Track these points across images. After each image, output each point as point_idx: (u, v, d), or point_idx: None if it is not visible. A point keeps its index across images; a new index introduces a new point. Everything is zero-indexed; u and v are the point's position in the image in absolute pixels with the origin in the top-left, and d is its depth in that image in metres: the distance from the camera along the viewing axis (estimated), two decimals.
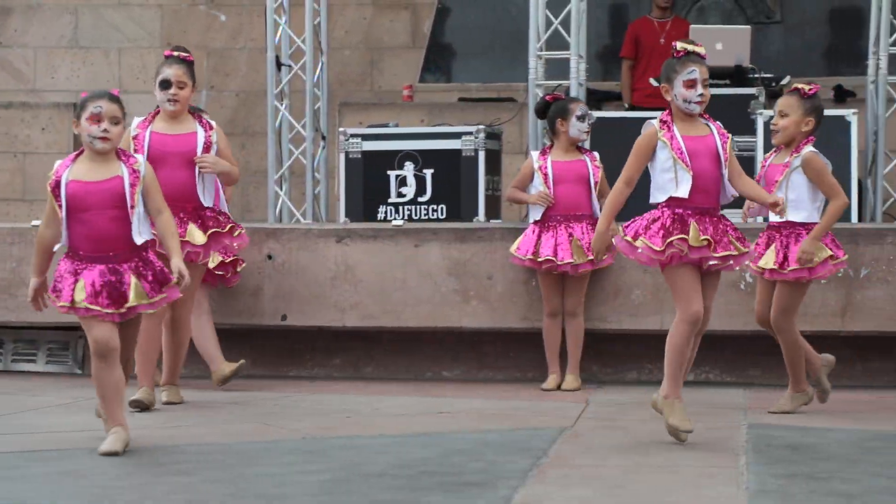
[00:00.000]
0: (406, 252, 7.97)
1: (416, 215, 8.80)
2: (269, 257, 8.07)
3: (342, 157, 8.99)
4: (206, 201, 6.85)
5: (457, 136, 8.85)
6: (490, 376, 8.19)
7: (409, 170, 8.81)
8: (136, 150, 6.67)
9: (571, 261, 7.48)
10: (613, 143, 8.75)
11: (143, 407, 6.76)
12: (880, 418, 6.73)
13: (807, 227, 6.65)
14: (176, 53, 6.94)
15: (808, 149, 6.64)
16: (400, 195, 8.77)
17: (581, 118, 7.69)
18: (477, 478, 5.16)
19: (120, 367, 5.64)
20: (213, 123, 6.99)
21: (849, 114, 8.69)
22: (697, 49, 6.01)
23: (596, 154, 7.85)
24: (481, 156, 8.76)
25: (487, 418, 6.72)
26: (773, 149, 6.87)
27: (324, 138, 9.81)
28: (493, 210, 8.94)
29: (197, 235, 6.71)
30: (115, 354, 5.56)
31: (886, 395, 7.55)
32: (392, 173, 8.83)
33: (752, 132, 8.63)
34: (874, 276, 7.69)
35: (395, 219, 8.59)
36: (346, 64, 12.35)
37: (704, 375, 8.03)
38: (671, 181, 5.92)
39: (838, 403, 7.24)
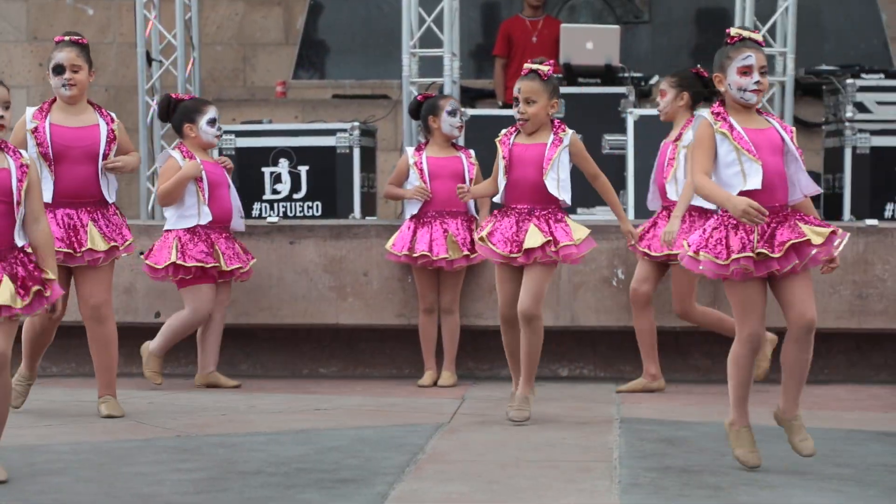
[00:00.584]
0: (281, 249, 7.94)
1: (291, 212, 8.75)
2: (142, 254, 7.96)
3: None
4: (111, 197, 6.67)
5: (331, 132, 8.82)
6: (366, 373, 8.19)
7: (283, 167, 8.75)
8: (38, 145, 6.46)
9: (446, 256, 7.51)
10: (487, 140, 8.79)
11: None
12: (751, 412, 6.83)
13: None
14: (67, 37, 6.65)
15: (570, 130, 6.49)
16: (275, 192, 8.71)
17: (452, 113, 7.72)
18: (353, 474, 5.16)
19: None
20: (113, 115, 6.78)
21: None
22: (753, 35, 5.49)
23: (472, 151, 7.89)
24: (356, 153, 8.73)
25: (364, 415, 6.72)
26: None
27: None
28: (369, 207, 8.93)
29: (98, 241, 6.48)
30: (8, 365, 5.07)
31: (755, 388, 7.65)
32: (266, 170, 8.77)
33: (623, 131, 8.72)
34: None
35: (270, 216, 8.54)
36: (219, 60, 12.23)
37: (579, 371, 8.11)
38: (737, 174, 5.20)
39: (708, 397, 7.36)
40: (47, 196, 6.32)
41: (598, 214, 8.59)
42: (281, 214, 8.65)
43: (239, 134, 8.84)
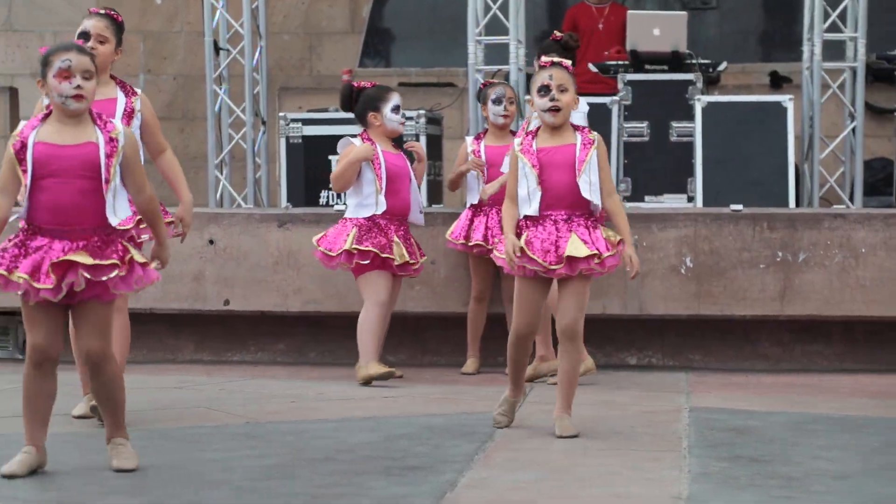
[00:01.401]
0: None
1: None
2: (211, 242, 8.02)
3: (283, 141, 8.95)
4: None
5: None
6: (434, 361, 8.19)
7: None
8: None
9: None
10: None
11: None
12: (819, 402, 6.79)
13: None
14: (103, 10, 6.24)
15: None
16: None
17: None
18: (421, 462, 5.17)
19: (56, 377, 5.00)
20: (139, 91, 6.25)
21: (785, 99, 8.75)
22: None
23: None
24: (422, 141, 8.74)
25: (432, 402, 6.73)
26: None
27: (264, 123, 9.76)
28: (435, 195, 8.93)
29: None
30: (53, 364, 4.96)
31: (825, 378, 7.62)
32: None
33: (691, 118, 8.67)
34: (812, 261, 7.75)
35: (336, 204, 8.56)
36: (285, 49, 12.29)
37: (647, 359, 8.07)
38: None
39: (778, 386, 7.32)
40: None
41: (666, 203, 8.56)
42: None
43: (305, 122, 8.88)
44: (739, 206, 7.87)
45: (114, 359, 5.06)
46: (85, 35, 6.07)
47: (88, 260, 4.83)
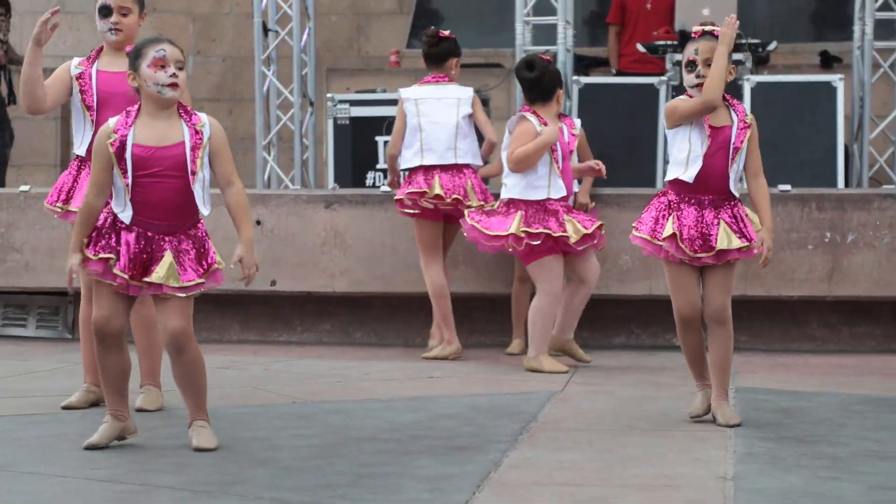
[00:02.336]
0: (395, 218, 7.95)
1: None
2: (258, 223, 8.05)
3: (330, 123, 8.96)
4: None
5: None
6: (479, 341, 8.19)
7: None
8: (81, 91, 5.81)
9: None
10: (602, 108, 8.77)
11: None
12: (866, 383, 6.76)
13: None
14: None
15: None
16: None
17: None
18: (467, 441, 5.18)
19: (125, 351, 5.08)
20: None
21: (835, 79, 8.69)
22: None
23: (577, 121, 7.76)
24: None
25: (477, 383, 6.73)
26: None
27: (311, 104, 9.78)
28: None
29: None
30: (116, 339, 5.02)
31: (873, 359, 7.58)
32: (380, 139, 8.81)
33: (740, 98, 8.62)
34: (861, 242, 7.71)
35: (383, 185, 8.57)
36: (333, 30, 12.31)
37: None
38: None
39: (826, 367, 7.28)
40: (83, 149, 5.78)
41: None
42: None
43: (353, 103, 8.89)
44: (787, 187, 7.83)
45: (195, 340, 5.08)
46: (105, 9, 5.87)
47: (176, 283, 4.95)
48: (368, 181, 8.68)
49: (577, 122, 7.66)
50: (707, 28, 5.56)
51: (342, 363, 7.41)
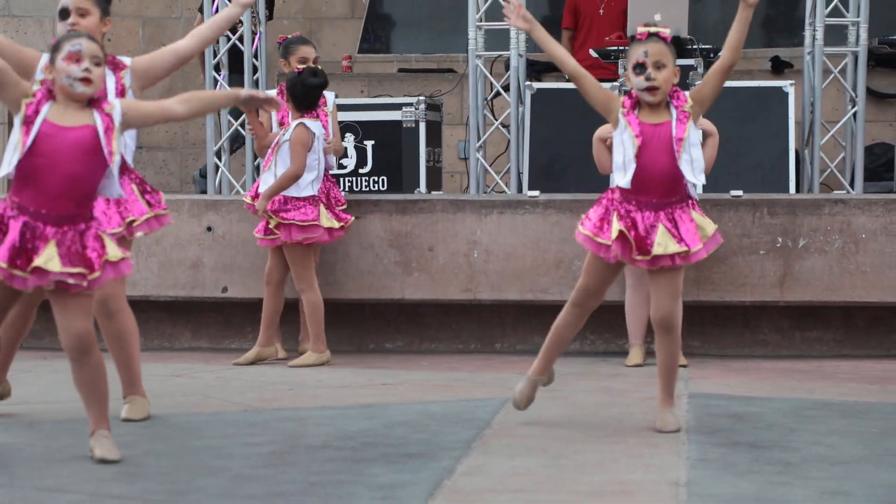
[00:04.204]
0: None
1: (356, 187, 8.78)
2: (209, 229, 8.03)
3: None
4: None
5: (397, 107, 8.83)
6: (432, 348, 8.21)
7: (349, 141, 8.78)
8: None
9: None
10: (555, 113, 8.78)
11: None
12: (818, 387, 6.81)
13: None
14: None
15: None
16: (340, 167, 8.74)
17: None
18: (420, 449, 5.18)
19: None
20: (128, 61, 5.81)
21: (786, 85, 8.74)
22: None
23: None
24: (422, 127, 8.75)
25: (430, 390, 6.74)
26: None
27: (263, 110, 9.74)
28: (435, 182, 8.94)
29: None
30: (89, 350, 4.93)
31: (824, 364, 7.64)
32: None
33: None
34: (812, 247, 7.76)
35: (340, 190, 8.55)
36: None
37: (647, 346, 8.07)
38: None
39: (778, 372, 7.33)
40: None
41: None
42: (347, 189, 8.68)
43: None
44: (739, 192, 7.88)
45: (97, 345, 4.99)
46: (64, 12, 5.73)
47: (57, 268, 4.79)
48: None
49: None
50: (653, 30, 5.50)
51: (294, 370, 7.39)
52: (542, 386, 5.79)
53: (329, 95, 7.92)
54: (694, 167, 5.44)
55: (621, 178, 5.45)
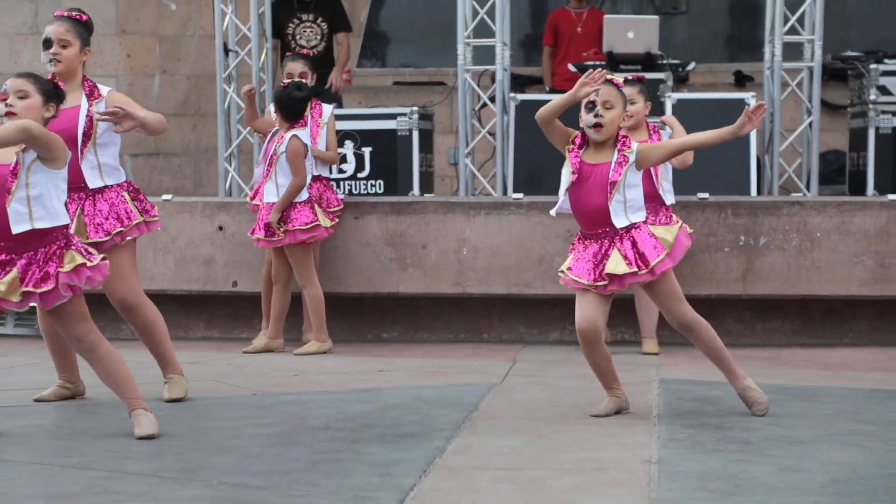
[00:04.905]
0: (347, 224, 7.96)
1: (356, 190, 8.77)
2: (221, 228, 8.02)
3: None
4: (102, 180, 5.72)
5: (392, 117, 8.83)
6: (425, 337, 8.20)
7: (348, 148, 8.77)
8: None
9: None
10: (536, 124, 8.77)
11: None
12: (777, 374, 6.82)
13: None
14: (66, 13, 5.72)
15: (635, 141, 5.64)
16: (341, 171, 8.73)
17: None
18: (413, 430, 5.18)
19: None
20: (105, 91, 5.70)
21: (748, 97, 8.74)
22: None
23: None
24: (415, 135, 8.74)
25: (423, 376, 6.74)
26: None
27: None
28: (427, 185, 8.93)
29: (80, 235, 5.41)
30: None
31: (782, 352, 7.65)
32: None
33: (662, 113, 8.66)
34: (772, 245, 7.77)
35: (336, 193, 8.54)
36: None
37: (621, 336, 8.08)
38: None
39: (740, 360, 7.29)
40: None
41: None
42: (346, 192, 8.67)
43: None
44: (706, 195, 7.89)
45: (102, 341, 5.05)
46: (47, 42, 5.66)
47: (16, 298, 4.91)
48: None
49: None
50: (607, 77, 5.40)
51: (298, 358, 7.39)
52: (624, 411, 5.59)
53: (327, 108, 7.91)
54: (628, 208, 5.39)
55: (554, 208, 5.53)
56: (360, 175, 8.78)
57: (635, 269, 5.32)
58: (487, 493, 4.14)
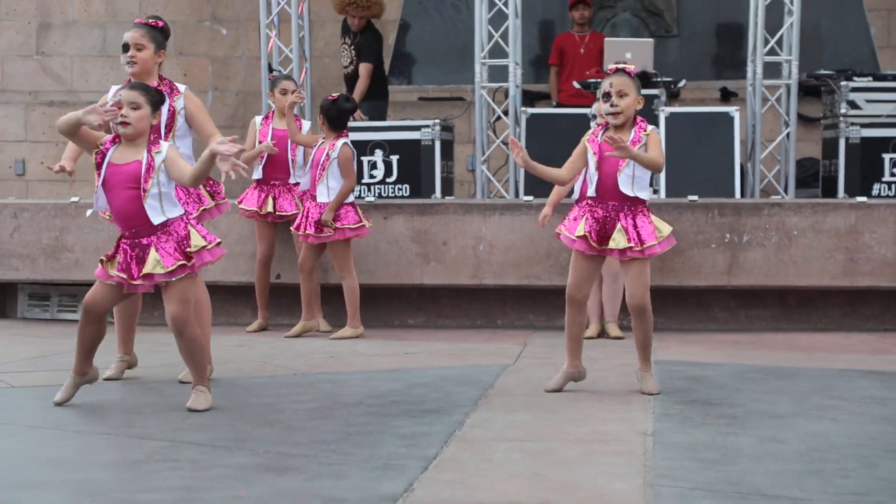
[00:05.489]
0: (377, 223, 7.95)
1: (384, 193, 8.77)
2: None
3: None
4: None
5: (417, 128, 8.82)
6: (446, 324, 8.20)
7: (378, 156, 8.77)
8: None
9: None
10: (545, 133, 8.77)
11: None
12: (759, 355, 6.79)
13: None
14: (143, 20, 5.75)
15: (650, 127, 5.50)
16: (371, 176, 8.74)
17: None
18: (436, 405, 5.17)
19: (104, 324, 5.17)
20: (182, 88, 5.73)
21: (732, 110, 8.72)
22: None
23: None
24: (437, 145, 8.73)
25: (444, 357, 6.73)
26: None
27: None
28: (448, 189, 8.92)
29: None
30: (99, 315, 5.14)
31: (763, 337, 7.62)
32: (365, 159, 8.79)
33: (657, 124, 8.65)
34: (754, 241, 7.74)
35: (367, 196, 8.56)
36: (326, 69, 12.25)
37: (621, 323, 8.04)
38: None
39: (726, 343, 7.30)
40: None
41: None
42: (376, 195, 8.67)
43: None
44: (695, 197, 7.86)
45: (193, 323, 5.06)
46: (125, 46, 5.66)
47: (161, 270, 4.98)
48: (355, 193, 8.62)
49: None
50: (619, 65, 5.45)
51: (335, 342, 7.39)
52: (573, 381, 5.58)
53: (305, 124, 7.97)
54: (636, 182, 5.38)
55: (590, 189, 5.44)
56: (388, 180, 8.78)
57: (633, 244, 5.34)
58: (501, 462, 4.13)
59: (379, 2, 9.84)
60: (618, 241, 5.37)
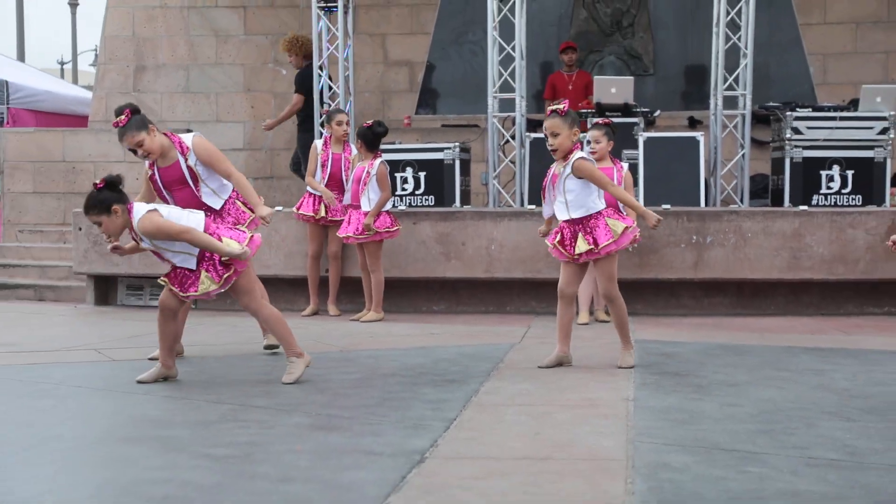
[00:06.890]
0: (407, 227, 7.94)
1: (414, 203, 8.76)
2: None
3: None
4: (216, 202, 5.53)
5: (441, 150, 8.81)
6: (464, 310, 8.18)
7: (409, 173, 8.76)
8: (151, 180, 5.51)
9: None
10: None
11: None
12: (719, 335, 6.76)
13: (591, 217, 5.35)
14: (115, 122, 5.28)
15: (577, 155, 5.27)
16: (403, 189, 8.73)
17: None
18: (456, 376, 5.16)
19: (178, 322, 5.10)
20: (190, 141, 5.39)
21: (698, 135, 8.66)
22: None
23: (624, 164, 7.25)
24: (457, 163, 8.72)
25: (463, 337, 6.71)
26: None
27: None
28: (466, 199, 8.90)
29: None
30: (173, 313, 5.02)
31: (723, 320, 7.57)
32: (398, 175, 8.78)
33: (636, 147, 8.61)
34: (715, 242, 7.70)
35: (399, 205, 8.55)
36: (367, 102, 12.26)
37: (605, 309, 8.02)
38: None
39: (693, 326, 7.27)
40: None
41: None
42: (407, 204, 8.66)
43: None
44: (668, 206, 7.82)
45: (263, 307, 5.04)
46: (133, 151, 5.34)
47: (215, 286, 4.89)
48: (390, 203, 8.61)
49: (624, 165, 6.99)
50: (553, 108, 5.27)
51: (373, 325, 7.38)
52: (560, 365, 5.47)
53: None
54: (570, 205, 5.30)
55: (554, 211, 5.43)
56: (417, 192, 8.77)
57: (592, 247, 5.27)
58: (510, 423, 4.12)
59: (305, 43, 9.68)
60: (580, 247, 5.30)
